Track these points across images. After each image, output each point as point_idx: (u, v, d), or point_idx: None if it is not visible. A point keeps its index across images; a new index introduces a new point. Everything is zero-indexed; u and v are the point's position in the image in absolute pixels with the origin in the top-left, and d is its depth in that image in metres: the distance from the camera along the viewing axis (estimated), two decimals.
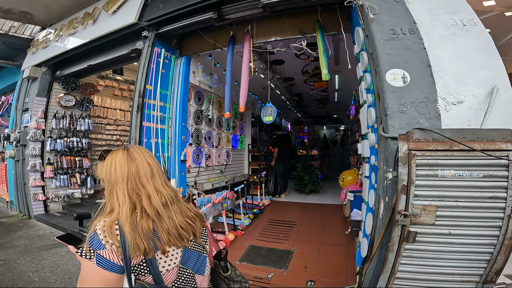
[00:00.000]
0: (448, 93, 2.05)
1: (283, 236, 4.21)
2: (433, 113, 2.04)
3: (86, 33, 4.68)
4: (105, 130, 7.06)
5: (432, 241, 1.79)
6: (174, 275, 0.97)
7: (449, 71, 2.10)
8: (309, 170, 7.47)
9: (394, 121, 2.09)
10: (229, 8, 3.67)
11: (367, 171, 2.97)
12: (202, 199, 4.51)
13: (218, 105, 5.96)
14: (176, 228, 0.96)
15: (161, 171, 1.06)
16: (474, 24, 2.27)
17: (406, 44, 2.25)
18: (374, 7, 2.45)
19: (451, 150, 1.74)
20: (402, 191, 1.81)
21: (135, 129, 3.88)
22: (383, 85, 2.19)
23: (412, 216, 1.78)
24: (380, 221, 2.23)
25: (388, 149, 2.09)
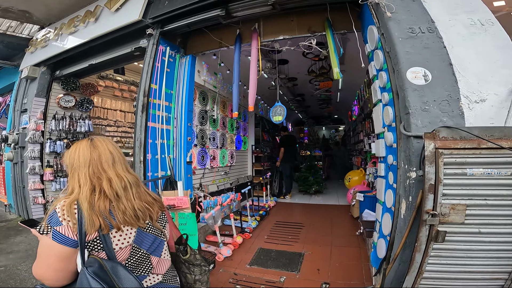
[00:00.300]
0: (470, 92, 2.05)
1: (292, 238, 4.19)
2: (456, 111, 2.04)
3: (88, 31, 4.62)
4: (105, 132, 6.98)
5: (461, 240, 1.79)
6: (127, 253, 1.05)
7: (471, 69, 2.11)
8: (314, 171, 7.46)
9: (417, 120, 2.09)
10: (237, 5, 3.64)
11: (383, 170, 2.95)
12: (208, 202, 4.48)
13: (222, 105, 5.93)
14: (133, 210, 1.06)
15: (123, 159, 1.17)
16: (492, 24, 2.29)
17: (426, 43, 2.25)
18: (391, 6, 2.45)
19: (479, 148, 1.74)
20: (430, 190, 1.81)
21: (140, 129, 3.83)
22: (403, 83, 2.19)
23: (441, 216, 1.78)
24: (402, 221, 2.23)
25: (411, 148, 2.08)
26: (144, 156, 3.77)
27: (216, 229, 3.70)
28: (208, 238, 4.19)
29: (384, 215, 2.80)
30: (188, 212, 3.37)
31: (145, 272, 1.11)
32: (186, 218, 3.37)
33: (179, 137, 4.38)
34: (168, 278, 1.21)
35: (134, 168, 3.77)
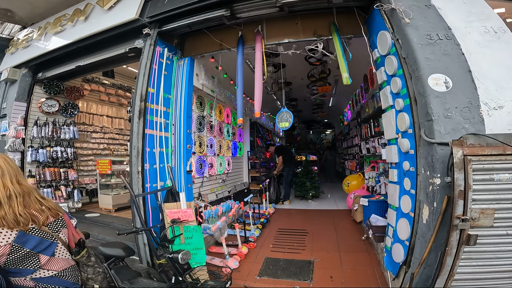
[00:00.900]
0: (489, 98, 2.16)
1: (298, 246, 4.19)
2: (477, 118, 2.14)
3: (76, 31, 4.43)
4: (91, 139, 6.69)
5: (490, 242, 1.89)
6: (7, 250, 1.26)
7: (489, 76, 2.22)
8: (310, 176, 7.55)
9: (440, 126, 2.16)
10: (242, 6, 3.61)
11: (396, 176, 3.03)
12: (209, 212, 4.39)
13: (218, 111, 5.86)
14: (14, 215, 1.27)
15: (13, 172, 1.39)
16: (504, 32, 2.43)
17: (445, 50, 2.35)
18: (408, 12, 2.54)
19: (505, 155, 1.84)
20: (459, 196, 1.88)
21: (137, 137, 3.66)
22: (425, 90, 2.26)
23: (471, 220, 1.85)
24: (425, 226, 2.29)
25: (435, 154, 2.15)
26: (142, 166, 3.60)
27: (222, 241, 3.63)
28: (211, 249, 4.10)
29: (399, 220, 2.87)
30: (193, 225, 3.29)
31: (33, 267, 1.35)
32: (192, 232, 3.29)
33: (178, 145, 4.24)
34: (66, 274, 1.48)
35: (131, 179, 3.58)
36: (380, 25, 3.04)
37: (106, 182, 6.16)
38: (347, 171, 9.84)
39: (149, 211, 3.66)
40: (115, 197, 5.91)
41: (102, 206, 6.05)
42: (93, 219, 5.39)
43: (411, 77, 2.53)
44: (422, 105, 2.33)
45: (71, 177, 5.70)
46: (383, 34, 2.96)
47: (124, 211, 5.88)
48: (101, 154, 7.01)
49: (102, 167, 6.07)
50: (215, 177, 5.38)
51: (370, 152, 5.96)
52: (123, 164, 6.42)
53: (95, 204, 6.43)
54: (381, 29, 3.01)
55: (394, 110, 2.98)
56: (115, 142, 7.44)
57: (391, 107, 3.06)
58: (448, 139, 2.06)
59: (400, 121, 2.77)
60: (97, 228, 4.85)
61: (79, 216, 5.54)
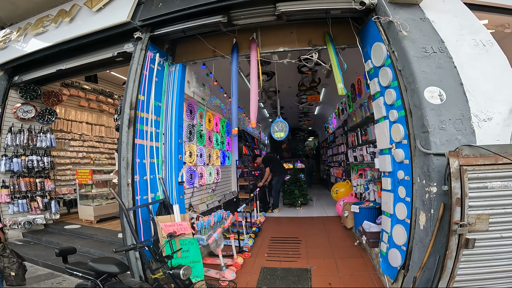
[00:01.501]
0: (479, 110, 2.38)
1: (293, 254, 4.26)
2: (468, 129, 2.35)
3: (59, 32, 4.32)
4: (69, 147, 6.43)
5: (486, 245, 2.08)
6: None
7: (479, 89, 2.45)
8: (299, 184, 7.71)
9: (436, 138, 2.35)
10: (240, 13, 3.69)
11: (389, 185, 3.20)
12: (201, 223, 4.36)
13: (208, 119, 5.84)
14: None
15: None
16: (492, 45, 2.68)
17: (439, 63, 2.56)
18: (405, 25, 2.73)
19: (497, 164, 2.04)
20: (457, 203, 2.05)
21: (127, 147, 3.53)
22: (421, 102, 2.45)
23: (469, 225, 2.02)
24: (423, 232, 2.46)
25: (431, 164, 2.33)
26: (132, 178, 3.48)
27: (219, 253, 3.63)
28: (205, 260, 4.07)
29: (395, 226, 3.03)
30: (189, 238, 3.27)
31: None
32: (188, 245, 3.26)
33: (169, 155, 4.17)
34: None
35: (120, 191, 3.45)
36: (375, 37, 3.22)
37: (86, 192, 5.94)
38: (333, 178, 10.13)
39: (140, 224, 3.58)
40: (97, 208, 5.71)
41: (83, 217, 5.84)
42: (74, 231, 5.19)
43: (407, 89, 2.71)
44: (418, 117, 2.51)
45: (48, 187, 5.44)
46: (378, 45, 3.13)
47: (107, 222, 5.71)
48: (79, 163, 6.75)
49: (82, 177, 5.84)
50: (205, 187, 5.36)
51: (357, 160, 6.21)
52: (104, 174, 6.22)
53: (74, 215, 6.20)
54: (376, 41, 3.19)
55: (387, 121, 3.16)
56: (95, 151, 7.19)
57: (385, 118, 3.24)
58: (443, 150, 2.25)
59: (395, 132, 2.95)
60: (79, 241, 4.68)
61: (58, 228, 5.36)
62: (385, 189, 3.32)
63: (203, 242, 3.96)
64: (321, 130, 14.10)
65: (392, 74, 2.92)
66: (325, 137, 12.62)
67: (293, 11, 3.46)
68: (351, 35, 3.67)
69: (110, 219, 5.85)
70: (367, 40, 3.47)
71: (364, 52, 3.60)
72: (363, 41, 3.60)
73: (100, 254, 4.10)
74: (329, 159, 11.15)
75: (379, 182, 4.54)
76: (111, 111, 7.64)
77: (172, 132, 4.20)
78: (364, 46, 3.60)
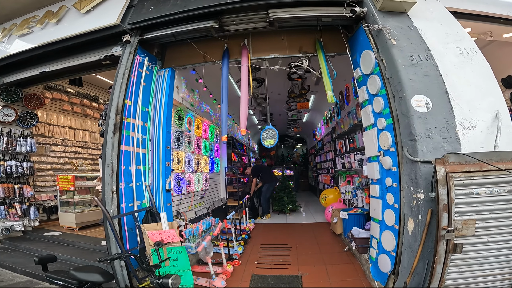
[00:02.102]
0: (464, 118, 2.48)
1: (283, 261, 4.25)
2: (453, 137, 2.44)
3: (45, 34, 4.22)
4: (50, 152, 6.21)
5: (474, 249, 2.15)
6: None
7: (463, 97, 2.55)
8: (288, 191, 7.75)
9: (422, 146, 2.42)
10: (232, 18, 3.70)
11: (378, 191, 3.27)
12: (190, 230, 4.29)
13: (196, 126, 5.79)
14: None
15: None
16: (475, 53, 2.80)
17: (425, 71, 2.65)
18: (394, 33, 2.81)
19: (482, 171, 2.12)
20: (444, 209, 2.12)
21: (112, 154, 3.40)
22: (408, 110, 2.52)
23: (456, 230, 2.09)
24: (411, 237, 2.51)
25: (418, 172, 2.39)
26: (117, 185, 3.37)
27: (208, 261, 3.57)
28: (194, 268, 3.99)
29: (383, 232, 3.09)
30: (177, 246, 3.21)
31: None
32: (176, 253, 3.20)
33: (157, 162, 4.07)
34: None
35: (104, 199, 3.34)
36: (364, 45, 3.29)
37: (68, 199, 5.75)
38: (321, 184, 10.23)
39: (125, 232, 3.48)
40: (79, 214, 5.54)
41: (63, 224, 5.65)
42: (54, 239, 5.02)
43: (394, 98, 2.79)
44: (405, 125, 2.58)
45: (27, 193, 5.23)
46: (367, 53, 3.20)
47: (90, 229, 5.55)
48: (61, 169, 6.52)
49: (63, 184, 5.65)
50: (193, 194, 5.29)
51: (345, 167, 6.31)
52: (88, 180, 6.04)
53: (55, 222, 6.00)
54: (365, 49, 3.26)
55: (375, 128, 3.23)
56: (78, 156, 6.98)
57: (373, 126, 3.32)
58: (430, 158, 2.32)
59: (383, 140, 3.02)
60: (59, 248, 4.54)
61: (37, 235, 5.19)
62: (374, 196, 3.38)
63: (191, 250, 3.89)
64: (309, 137, 14.27)
65: (381, 82, 2.99)
66: (313, 144, 12.77)
67: (286, 18, 3.51)
68: (341, 43, 3.76)
69: (93, 226, 5.68)
70: (357, 47, 3.55)
71: (353, 59, 3.67)
72: (352, 49, 3.68)
73: (82, 262, 3.98)
74: (317, 166, 11.27)
75: (367, 188, 4.62)
76: (96, 116, 7.46)
77: (159, 138, 4.11)
78: (353, 54, 3.67)
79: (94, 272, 2.49)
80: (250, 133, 12.82)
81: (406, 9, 3.06)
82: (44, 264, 2.60)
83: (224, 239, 4.50)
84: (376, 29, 2.94)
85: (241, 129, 3.86)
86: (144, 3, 3.90)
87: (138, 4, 3.93)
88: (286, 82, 6.40)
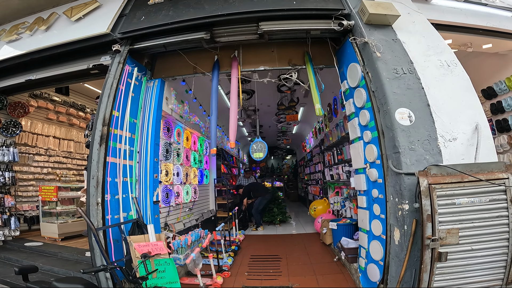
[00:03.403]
0: (445, 131, 2.59)
1: (274, 272, 4.22)
2: (435, 149, 2.54)
3: (33, 41, 4.19)
4: (33, 162, 6.05)
5: (458, 257, 2.23)
6: None
7: (444, 110, 2.66)
8: (278, 202, 7.77)
9: (406, 158, 2.51)
10: (223, 30, 3.76)
11: (365, 202, 3.35)
12: (178, 242, 4.24)
13: (186, 137, 5.77)
14: None
15: None
16: (456, 65, 2.93)
17: (408, 84, 2.75)
18: (379, 46, 2.91)
19: (463, 182, 2.23)
20: (428, 219, 2.20)
21: (97, 165, 3.33)
22: (393, 123, 2.62)
23: (440, 239, 2.16)
24: (398, 247, 2.57)
25: (402, 183, 2.48)
26: (102, 197, 3.29)
27: (197, 273, 3.52)
28: (183, 280, 3.91)
29: (371, 242, 3.14)
30: (165, 258, 3.16)
31: None
32: (164, 265, 3.15)
33: (144, 174, 4.00)
34: None
35: (88, 211, 3.24)
36: (351, 57, 3.40)
37: (50, 209, 5.62)
38: (310, 195, 10.30)
39: (110, 243, 3.40)
40: (62, 225, 5.42)
41: (45, 234, 5.51)
42: (35, 249, 4.89)
43: (379, 111, 2.88)
44: (390, 138, 2.67)
45: (8, 203, 5.07)
46: (354, 66, 3.30)
47: (73, 240, 5.41)
48: (44, 179, 6.34)
49: (46, 194, 5.51)
50: (182, 206, 5.23)
51: (334, 178, 6.40)
52: (71, 191, 5.89)
53: (36, 232, 5.85)
54: (352, 61, 3.36)
55: (362, 141, 3.32)
56: (62, 166, 6.81)
57: (359, 139, 3.40)
58: (413, 170, 2.41)
59: (369, 153, 3.10)
60: (41, 259, 4.43)
61: (18, 245, 5.04)
62: (361, 207, 3.45)
63: (180, 262, 3.83)
64: (298, 148, 14.41)
65: (366, 95, 3.09)
66: (302, 155, 12.88)
67: (276, 31, 3.60)
68: (328, 55, 3.85)
69: (77, 237, 5.54)
70: (344, 60, 3.66)
71: (341, 72, 3.77)
72: (340, 62, 3.78)
73: (65, 273, 3.89)
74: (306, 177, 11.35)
75: (355, 199, 4.70)
76: (82, 126, 7.34)
77: (147, 150, 4.03)
78: (340, 67, 3.77)
79: (78, 284, 2.45)
80: (239, 144, 12.84)
81: (390, 22, 3.16)
82: (24, 275, 2.53)
83: (214, 251, 4.45)
84: (362, 42, 3.04)
85: (230, 142, 3.86)
86: (136, 12, 3.93)
87: (129, 13, 3.96)
88: (275, 94, 6.49)
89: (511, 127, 4.56)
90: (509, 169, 2.26)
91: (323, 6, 3.44)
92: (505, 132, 4.72)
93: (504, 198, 2.20)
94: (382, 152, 2.86)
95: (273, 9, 3.46)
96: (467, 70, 2.96)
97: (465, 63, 3.07)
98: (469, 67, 3.19)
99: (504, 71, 4.71)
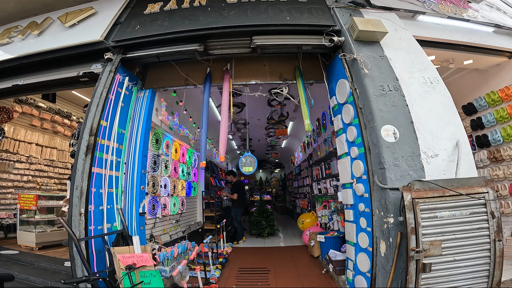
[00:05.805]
0: (427, 148, 2.74)
1: (262, 285, 4.20)
2: (418, 165, 2.67)
3: (24, 45, 4.15)
4: (13, 169, 5.86)
5: (442, 268, 2.33)
6: None
7: (426, 127, 2.81)
8: (266, 215, 7.78)
9: (391, 174, 2.63)
10: (217, 43, 3.84)
11: (352, 216, 3.44)
12: (164, 253, 4.18)
13: (174, 149, 5.74)
14: None
15: None
16: (438, 82, 3.09)
17: (393, 101, 2.89)
18: (367, 62, 3.05)
19: (444, 196, 2.36)
20: (412, 232, 2.30)
21: (82, 176, 3.25)
22: (378, 140, 2.75)
23: (424, 251, 2.26)
24: (384, 259, 2.65)
25: (387, 198, 2.59)
26: (86, 208, 3.21)
27: (184, 285, 3.46)
28: None
29: (358, 254, 3.22)
30: (151, 270, 3.12)
31: None
32: (149, 277, 3.11)
33: (131, 185, 3.93)
34: None
35: (70, 221, 3.16)
36: (340, 73, 3.53)
37: (29, 218, 5.44)
38: (298, 208, 10.35)
39: (92, 254, 3.30)
40: (40, 234, 5.27)
41: (22, 243, 5.34)
42: (10, 257, 4.72)
43: (366, 127, 3.01)
44: (376, 155, 2.79)
45: None
46: (342, 82, 3.42)
47: (51, 250, 5.26)
48: (23, 187, 6.13)
49: (25, 203, 5.35)
50: (168, 217, 5.17)
51: (322, 192, 6.51)
52: (51, 200, 5.72)
53: (12, 240, 5.67)
54: (341, 77, 3.49)
55: (349, 157, 3.44)
56: (43, 175, 6.62)
57: (347, 154, 3.52)
58: (398, 185, 2.53)
59: (356, 168, 3.22)
60: (16, 267, 4.28)
61: None
62: (348, 220, 3.54)
63: (165, 274, 3.78)
64: (287, 162, 14.51)
65: (354, 111, 3.21)
66: (291, 169, 12.99)
67: (268, 45, 3.71)
68: (319, 71, 3.98)
69: (55, 247, 5.38)
70: (333, 76, 3.78)
71: (330, 88, 3.91)
72: (330, 77, 3.90)
73: (42, 282, 3.77)
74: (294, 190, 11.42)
75: (342, 213, 4.78)
76: (67, 134, 7.20)
77: (135, 161, 3.98)
78: (330, 82, 3.90)
79: None
80: (228, 157, 12.83)
81: (378, 39, 3.30)
82: (0, 283, 2.50)
83: (201, 263, 4.39)
84: (351, 58, 3.17)
85: (220, 155, 3.89)
86: (131, 21, 3.97)
87: (124, 22, 4.00)
88: (266, 107, 6.61)
89: (491, 143, 4.68)
90: (488, 184, 2.41)
91: (315, 22, 3.58)
92: (485, 147, 4.85)
93: (484, 211, 2.34)
94: (368, 168, 2.97)
95: (266, 24, 3.58)
96: (449, 86, 3.10)
97: (447, 79, 3.20)
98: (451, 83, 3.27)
99: (484, 87, 4.80)
